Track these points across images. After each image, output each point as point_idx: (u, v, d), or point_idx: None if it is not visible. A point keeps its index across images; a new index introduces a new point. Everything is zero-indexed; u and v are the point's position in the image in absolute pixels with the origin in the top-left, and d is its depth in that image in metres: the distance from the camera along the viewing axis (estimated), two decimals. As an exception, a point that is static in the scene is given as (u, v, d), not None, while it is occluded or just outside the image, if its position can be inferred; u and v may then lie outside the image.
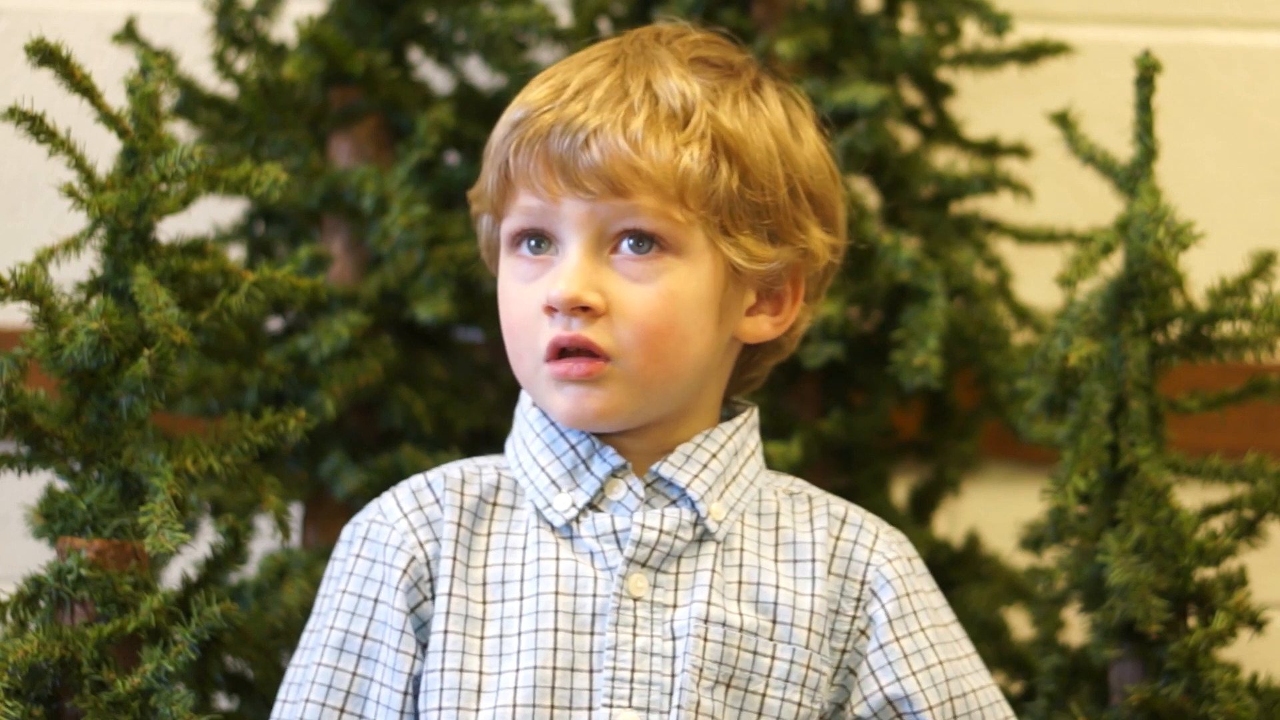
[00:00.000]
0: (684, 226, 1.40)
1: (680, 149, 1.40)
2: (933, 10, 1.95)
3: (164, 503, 1.50)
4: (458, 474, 1.46)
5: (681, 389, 1.42)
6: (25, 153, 1.64)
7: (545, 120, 1.40)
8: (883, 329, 1.89)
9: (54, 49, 1.54)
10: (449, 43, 1.95)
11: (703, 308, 1.41)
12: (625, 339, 1.39)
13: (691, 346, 1.41)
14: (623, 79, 1.42)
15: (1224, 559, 1.65)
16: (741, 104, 1.44)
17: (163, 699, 1.48)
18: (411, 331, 1.89)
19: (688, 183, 1.39)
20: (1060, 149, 1.77)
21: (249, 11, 1.91)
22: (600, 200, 1.39)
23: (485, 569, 1.42)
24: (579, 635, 1.39)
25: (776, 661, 1.40)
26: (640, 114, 1.40)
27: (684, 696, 1.37)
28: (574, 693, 1.37)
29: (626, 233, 1.40)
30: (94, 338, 1.51)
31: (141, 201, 1.57)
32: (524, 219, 1.42)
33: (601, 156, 1.38)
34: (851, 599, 1.44)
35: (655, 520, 1.41)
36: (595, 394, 1.40)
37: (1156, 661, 1.64)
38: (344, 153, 1.91)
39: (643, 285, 1.40)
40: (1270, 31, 2.13)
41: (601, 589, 1.40)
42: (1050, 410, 1.73)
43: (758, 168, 1.42)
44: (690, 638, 1.38)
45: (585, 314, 1.39)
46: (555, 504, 1.43)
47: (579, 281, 1.39)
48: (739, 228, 1.42)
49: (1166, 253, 1.65)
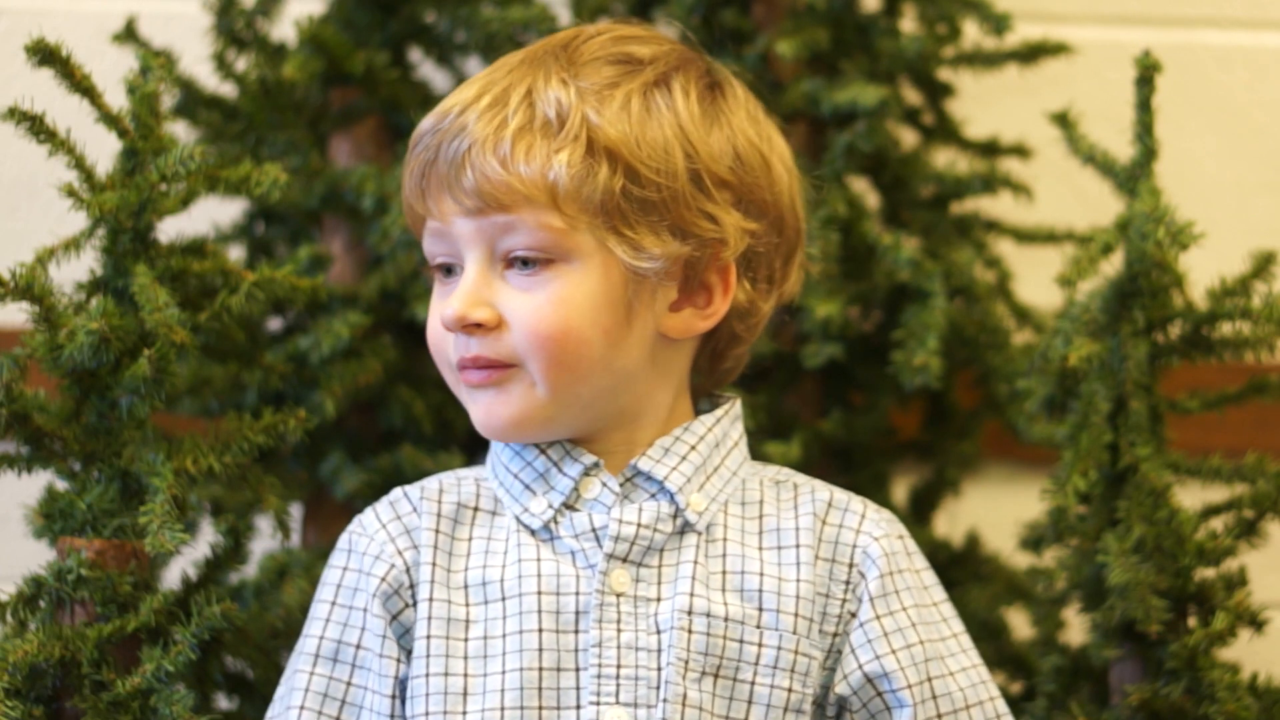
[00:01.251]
0: (566, 233, 1.40)
1: (551, 156, 1.40)
2: (933, 10, 1.95)
3: (164, 503, 1.50)
4: (435, 485, 1.47)
5: (595, 392, 1.42)
6: (25, 153, 1.64)
7: (434, 141, 1.43)
8: (883, 329, 1.89)
9: (54, 49, 1.54)
10: (449, 43, 1.95)
11: (601, 309, 1.41)
12: (521, 348, 1.41)
13: (592, 348, 1.41)
14: (506, 90, 1.43)
15: (1224, 559, 1.65)
16: (634, 101, 1.43)
17: (163, 699, 1.48)
18: (411, 331, 1.89)
19: (559, 190, 1.40)
20: (1060, 149, 1.76)
21: (249, 11, 1.91)
22: (482, 216, 1.41)
23: (467, 573, 1.42)
24: (564, 634, 1.39)
25: (764, 649, 1.40)
26: (511, 124, 1.41)
27: (670, 690, 1.37)
28: (561, 692, 1.38)
29: (511, 252, 1.41)
30: (94, 338, 1.51)
31: (141, 201, 1.57)
32: (431, 243, 1.46)
33: (474, 175, 1.41)
34: (840, 582, 1.44)
35: (633, 515, 1.41)
36: (503, 400, 1.42)
37: (1156, 661, 1.64)
38: (344, 153, 1.91)
39: (533, 294, 1.41)
40: (1270, 31, 2.13)
41: (584, 587, 1.40)
42: (1050, 410, 1.73)
43: (647, 164, 1.41)
44: (674, 630, 1.39)
45: (479, 330, 1.41)
46: (531, 508, 1.43)
47: (467, 300, 1.41)
48: (631, 225, 1.41)
49: (1166, 253, 1.65)
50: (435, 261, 1.46)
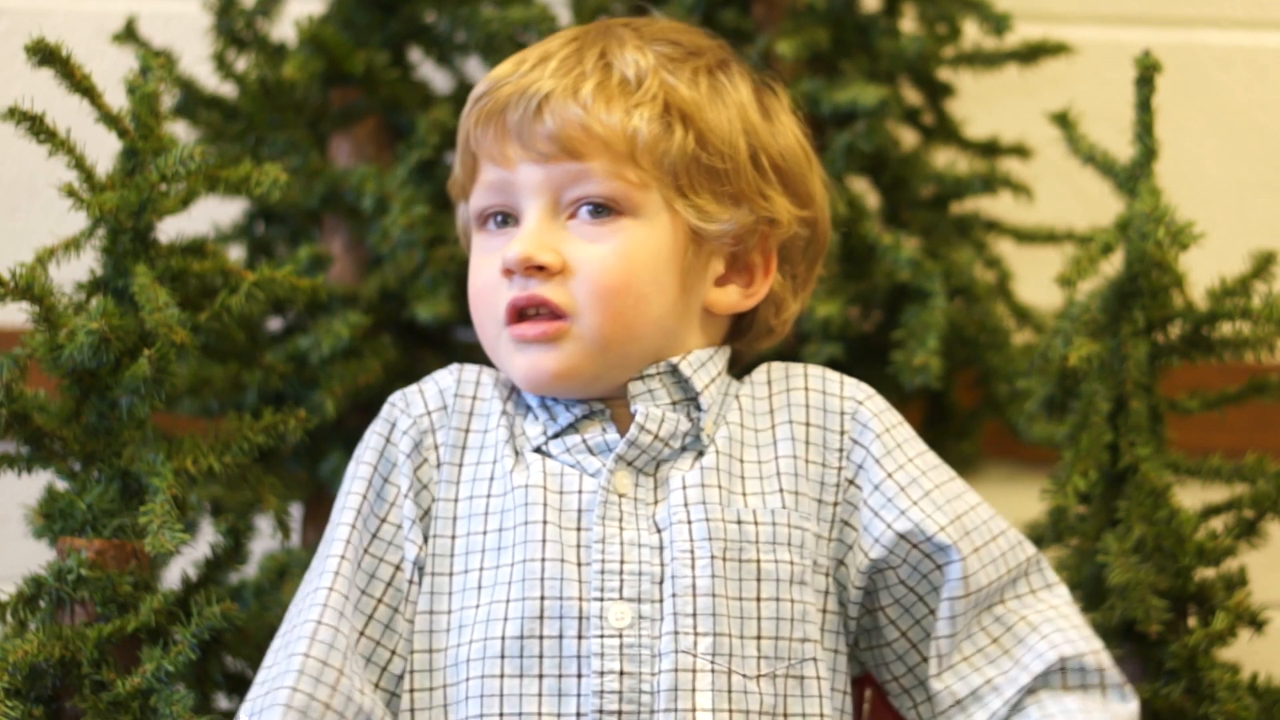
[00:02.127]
0: (638, 187, 1.43)
1: (631, 111, 1.43)
2: (933, 10, 1.95)
3: (164, 503, 1.50)
4: (473, 379, 1.48)
5: (641, 351, 1.44)
6: (25, 153, 1.64)
7: (503, 92, 1.45)
8: (883, 329, 1.89)
9: (54, 49, 1.54)
10: (449, 43, 1.95)
11: (661, 268, 1.43)
12: (582, 297, 1.42)
13: (650, 306, 1.43)
14: (579, 51, 1.46)
15: (1224, 559, 1.66)
16: (701, 78, 1.47)
17: (163, 699, 1.48)
18: (411, 331, 1.89)
19: (638, 142, 1.42)
20: (1060, 149, 1.77)
21: (249, 11, 1.91)
22: (553, 163, 1.42)
23: (495, 464, 1.44)
24: (566, 530, 1.40)
25: (760, 526, 1.41)
26: (591, 79, 1.44)
27: (678, 584, 1.38)
28: (564, 583, 1.38)
29: (582, 200, 1.43)
30: (94, 338, 1.51)
31: (141, 201, 1.57)
32: (486, 195, 1.46)
33: (553, 120, 1.42)
34: (835, 450, 1.45)
35: (654, 425, 1.42)
36: (552, 353, 1.42)
37: (1156, 661, 1.64)
38: (344, 153, 1.91)
39: (599, 245, 1.42)
40: (1270, 31, 2.13)
41: (586, 486, 1.41)
42: (1050, 410, 1.73)
43: (715, 133, 1.45)
44: (673, 525, 1.40)
45: (541, 274, 1.42)
46: (529, 431, 1.45)
47: (533, 242, 1.42)
48: (696, 190, 1.44)
49: (1166, 253, 1.66)
50: (487, 212, 1.47)
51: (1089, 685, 1.44)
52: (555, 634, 1.37)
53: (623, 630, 1.37)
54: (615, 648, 1.37)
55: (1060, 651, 1.43)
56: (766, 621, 1.39)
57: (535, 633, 1.37)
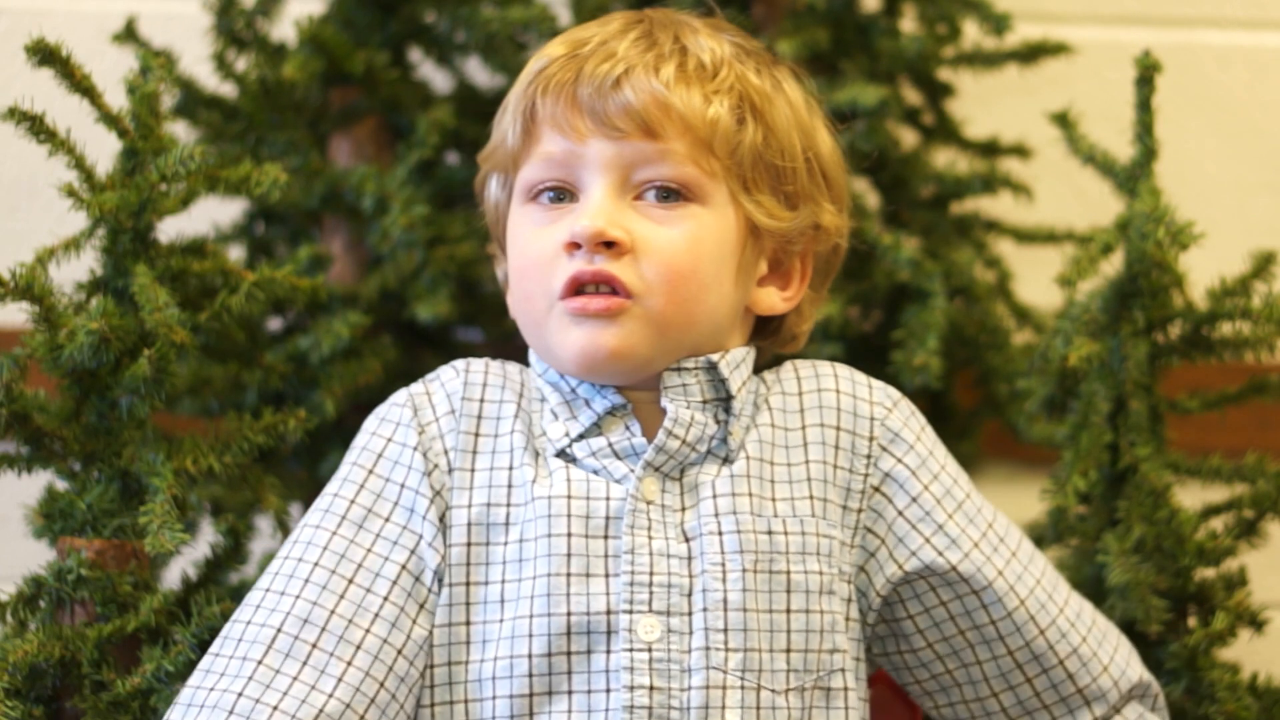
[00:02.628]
0: (709, 176, 1.40)
1: (710, 97, 1.40)
2: (933, 10, 1.95)
3: (164, 503, 1.50)
4: (480, 376, 1.43)
5: (694, 340, 1.41)
6: (25, 153, 1.64)
7: (574, 64, 1.40)
8: (883, 329, 1.89)
9: (54, 49, 1.54)
10: (449, 43, 1.95)
11: (723, 259, 1.40)
12: (649, 277, 1.38)
13: (710, 296, 1.40)
14: (650, 33, 1.42)
15: (1224, 559, 1.66)
16: (765, 73, 1.45)
17: (163, 699, 1.48)
18: (411, 331, 1.89)
19: (717, 130, 1.39)
20: (1060, 149, 1.77)
21: (249, 11, 1.91)
22: (629, 140, 1.38)
23: (511, 471, 1.40)
24: (593, 539, 1.36)
25: (790, 536, 1.38)
26: (671, 61, 1.40)
27: (709, 597, 1.35)
28: (590, 598, 1.35)
29: (653, 182, 1.39)
30: (94, 338, 1.51)
31: (141, 201, 1.57)
32: (545, 168, 1.41)
33: (634, 95, 1.38)
34: (862, 456, 1.43)
35: (682, 431, 1.39)
36: (612, 330, 1.38)
37: (1156, 661, 1.64)
38: (344, 153, 1.91)
39: (668, 228, 1.39)
40: (1270, 31, 2.13)
41: (614, 493, 1.38)
42: (1050, 410, 1.73)
43: (779, 131, 1.43)
44: (704, 536, 1.37)
45: (609, 251, 1.37)
46: (550, 432, 1.41)
47: (604, 217, 1.37)
48: (759, 186, 1.42)
49: (1166, 253, 1.66)
50: (543, 186, 1.41)
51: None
52: (584, 649, 1.34)
53: (652, 644, 1.34)
54: (645, 662, 1.34)
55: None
56: (796, 634, 1.37)
57: (564, 649, 1.34)
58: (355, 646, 1.36)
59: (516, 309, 1.45)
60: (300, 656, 1.35)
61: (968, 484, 1.46)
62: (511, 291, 1.46)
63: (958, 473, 1.46)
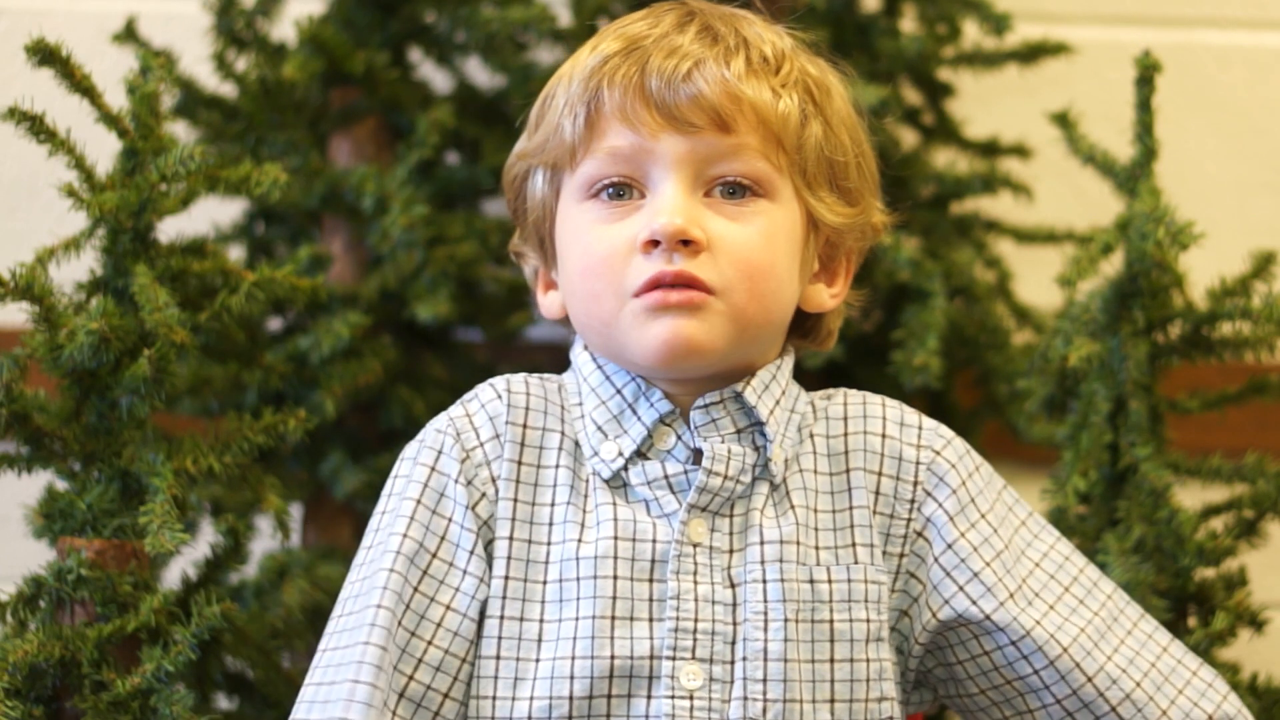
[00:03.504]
0: (778, 171, 1.37)
1: (779, 91, 1.37)
2: (933, 10, 1.95)
3: (164, 503, 1.50)
4: (523, 399, 1.39)
5: (769, 336, 1.39)
6: (25, 153, 1.64)
7: (638, 57, 1.37)
8: (883, 329, 1.89)
9: (54, 49, 1.54)
10: (449, 43, 1.95)
11: (793, 255, 1.39)
12: (729, 275, 1.35)
13: (785, 292, 1.38)
14: (709, 25, 1.39)
15: (1224, 559, 1.65)
16: (818, 65, 1.43)
17: (163, 699, 1.48)
18: (411, 331, 1.89)
19: (788, 126, 1.37)
20: (1060, 149, 1.77)
21: (249, 11, 1.91)
22: (702, 135, 1.35)
23: (553, 508, 1.36)
24: (638, 583, 1.34)
25: (835, 585, 1.36)
26: (738, 55, 1.37)
27: (749, 647, 1.33)
28: (634, 642, 1.32)
29: (725, 177, 1.36)
30: (94, 338, 1.51)
31: (141, 201, 1.57)
32: (609, 162, 1.37)
33: (708, 87, 1.35)
34: (905, 501, 1.40)
35: (721, 466, 1.36)
36: (695, 323, 1.34)
37: (1156, 661, 1.64)
38: (344, 153, 1.91)
39: (742, 225, 1.36)
40: (1270, 31, 2.13)
41: (661, 535, 1.35)
42: (1050, 410, 1.73)
43: (836, 126, 1.41)
44: (748, 584, 1.35)
45: (686, 249, 1.34)
46: (602, 453, 1.37)
47: (683, 214, 1.34)
48: (819, 182, 1.40)
49: (1166, 253, 1.65)
50: (607, 182, 1.37)
51: None
52: (624, 693, 1.32)
53: (694, 692, 1.33)
54: (686, 710, 1.32)
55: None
56: (840, 684, 1.35)
57: (604, 692, 1.32)
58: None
59: (579, 308, 1.39)
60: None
61: (1012, 530, 1.42)
62: (572, 291, 1.40)
63: (1002, 519, 1.42)
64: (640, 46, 1.37)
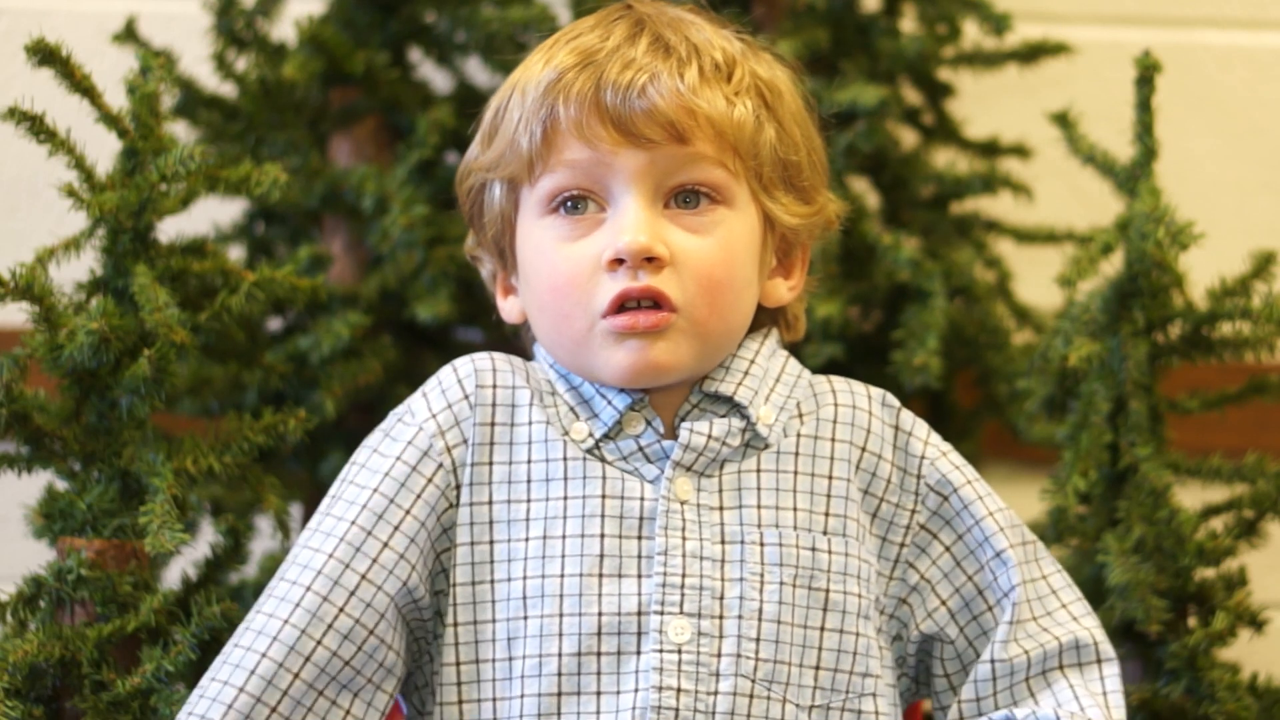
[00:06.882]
0: (735, 178, 1.39)
1: (733, 98, 1.39)
2: (933, 10, 1.95)
3: (164, 503, 1.50)
4: (488, 365, 1.41)
5: (730, 343, 1.41)
6: (25, 153, 1.64)
7: (592, 71, 1.38)
8: (883, 329, 1.89)
9: (54, 49, 1.54)
10: (449, 43, 1.95)
11: (749, 262, 1.40)
12: (691, 290, 1.36)
13: (744, 300, 1.40)
14: (660, 36, 1.40)
15: (1224, 559, 1.66)
16: (766, 65, 1.44)
17: (163, 699, 1.48)
18: (411, 331, 1.89)
19: (742, 133, 1.38)
20: (1060, 149, 1.77)
21: (249, 11, 1.91)
22: (659, 148, 1.36)
23: (530, 465, 1.38)
24: (626, 540, 1.36)
25: (834, 555, 1.38)
26: (691, 64, 1.38)
27: (745, 605, 1.35)
28: (622, 598, 1.34)
29: (683, 186, 1.38)
30: (94, 338, 1.51)
31: (141, 201, 1.57)
32: (568, 176, 1.38)
33: (663, 100, 1.36)
34: (910, 493, 1.42)
35: (704, 427, 1.38)
36: (659, 346, 1.36)
37: (1156, 661, 1.64)
38: (344, 153, 1.91)
39: (702, 237, 1.37)
40: (1270, 31, 2.13)
41: (648, 493, 1.36)
42: (1050, 410, 1.73)
43: (790, 127, 1.42)
44: (745, 544, 1.36)
45: (650, 265, 1.36)
46: (573, 433, 1.39)
47: (646, 231, 1.36)
48: (775, 185, 1.41)
49: (1166, 253, 1.66)
50: (566, 194, 1.38)
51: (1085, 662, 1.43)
52: (614, 650, 1.34)
53: (682, 646, 1.34)
54: (674, 663, 1.34)
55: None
56: (828, 653, 1.36)
57: (594, 649, 1.34)
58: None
59: (547, 325, 1.41)
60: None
61: (1004, 543, 1.43)
62: (541, 308, 1.41)
63: (1008, 521, 1.43)
64: (594, 61, 1.38)
